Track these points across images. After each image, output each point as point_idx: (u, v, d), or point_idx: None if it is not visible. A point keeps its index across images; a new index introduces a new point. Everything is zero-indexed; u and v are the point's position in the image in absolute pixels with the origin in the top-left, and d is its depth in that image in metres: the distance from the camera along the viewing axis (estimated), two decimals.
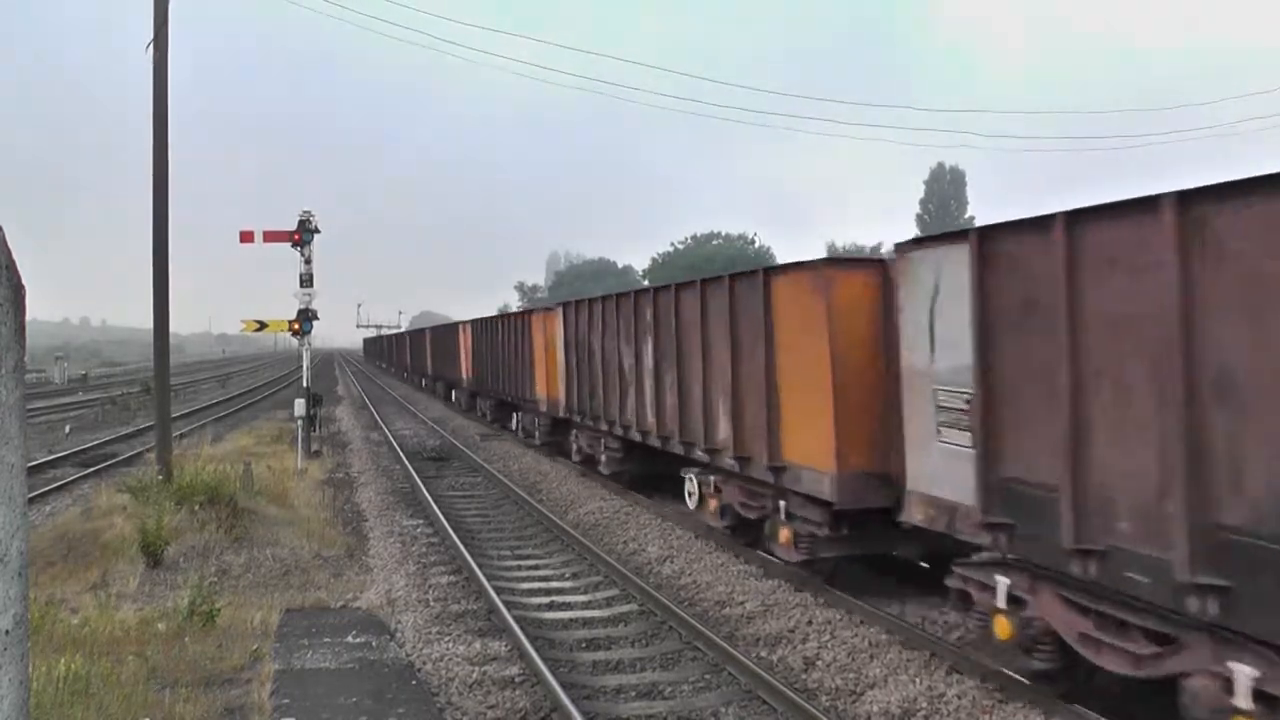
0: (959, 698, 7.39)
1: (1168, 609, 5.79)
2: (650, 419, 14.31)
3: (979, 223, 10.12)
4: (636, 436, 15.09)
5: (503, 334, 26.50)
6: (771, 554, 11.06)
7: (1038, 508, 6.70)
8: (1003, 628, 7.21)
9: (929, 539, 8.61)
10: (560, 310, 19.86)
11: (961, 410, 7.47)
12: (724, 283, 11.64)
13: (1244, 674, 5.31)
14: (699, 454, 12.57)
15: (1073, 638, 6.69)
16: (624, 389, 15.55)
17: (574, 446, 19.32)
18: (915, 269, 8.12)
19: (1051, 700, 7.07)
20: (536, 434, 22.83)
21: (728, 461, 11.58)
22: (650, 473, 15.87)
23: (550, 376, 20.76)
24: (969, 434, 7.36)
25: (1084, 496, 6.30)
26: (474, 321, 32.82)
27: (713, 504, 12.40)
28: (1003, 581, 7.24)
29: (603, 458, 17.31)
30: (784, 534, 10.43)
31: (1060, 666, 6.96)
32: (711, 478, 12.38)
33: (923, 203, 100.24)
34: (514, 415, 26.02)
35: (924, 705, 7.30)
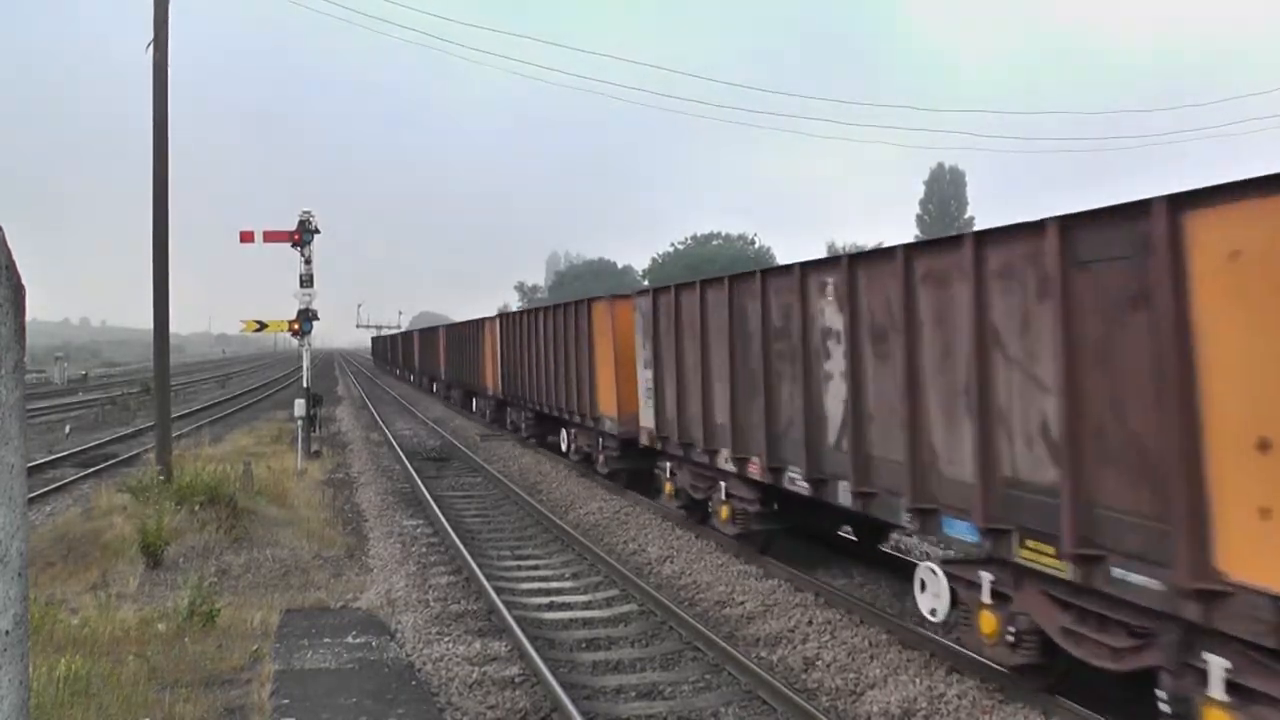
0: (959, 698, 7.39)
1: None
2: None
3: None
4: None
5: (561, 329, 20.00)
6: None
7: None
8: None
9: None
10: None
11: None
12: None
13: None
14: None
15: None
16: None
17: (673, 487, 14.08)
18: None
19: (1051, 700, 7.07)
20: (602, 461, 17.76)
21: None
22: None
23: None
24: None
25: None
26: (535, 310, 24.36)
27: None
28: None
29: (723, 510, 12.09)
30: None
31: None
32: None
33: (923, 203, 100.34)
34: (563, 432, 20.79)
35: (924, 705, 7.30)
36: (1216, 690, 5.39)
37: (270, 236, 20.32)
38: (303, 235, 20.44)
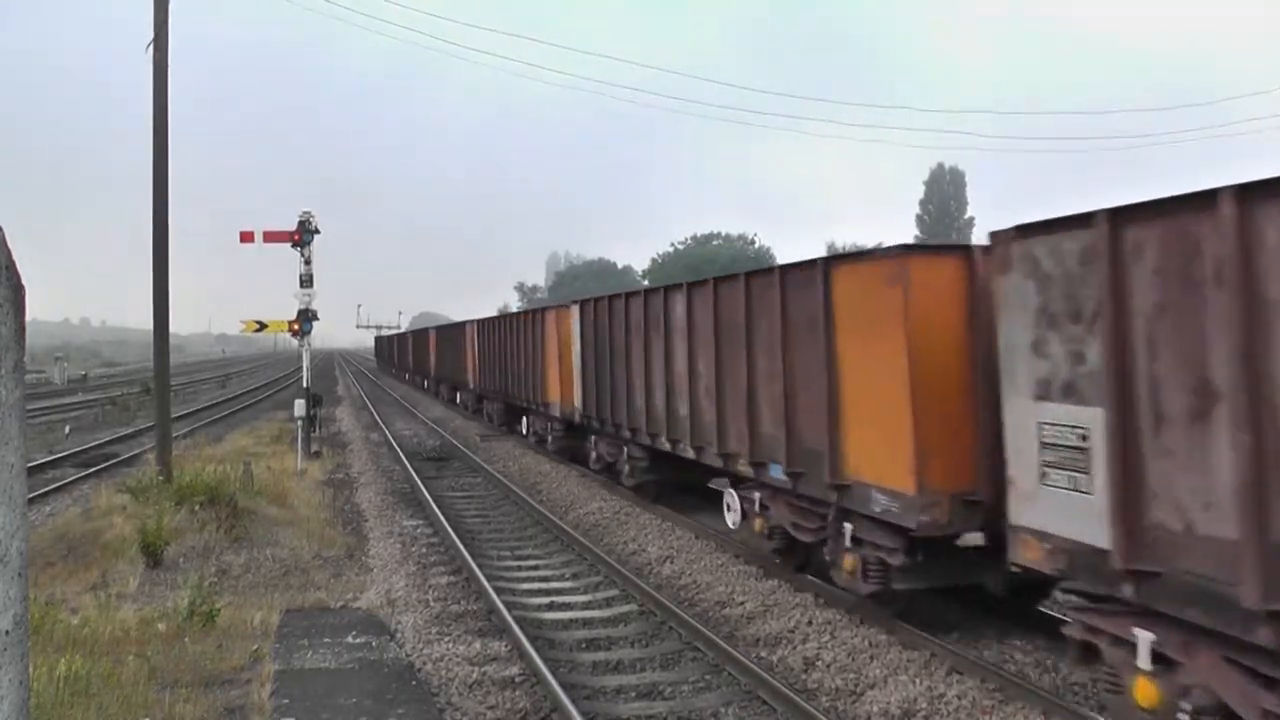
0: (959, 698, 7.39)
1: None
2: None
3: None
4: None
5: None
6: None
7: None
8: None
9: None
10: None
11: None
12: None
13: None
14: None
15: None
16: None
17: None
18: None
19: (1051, 700, 7.08)
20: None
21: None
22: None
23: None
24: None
25: None
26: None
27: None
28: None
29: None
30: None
31: None
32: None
33: (922, 203, 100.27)
34: None
35: (924, 705, 7.30)
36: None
37: (270, 237, 20.33)
38: (302, 235, 20.44)
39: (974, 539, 7.97)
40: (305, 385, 22.46)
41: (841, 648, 8.64)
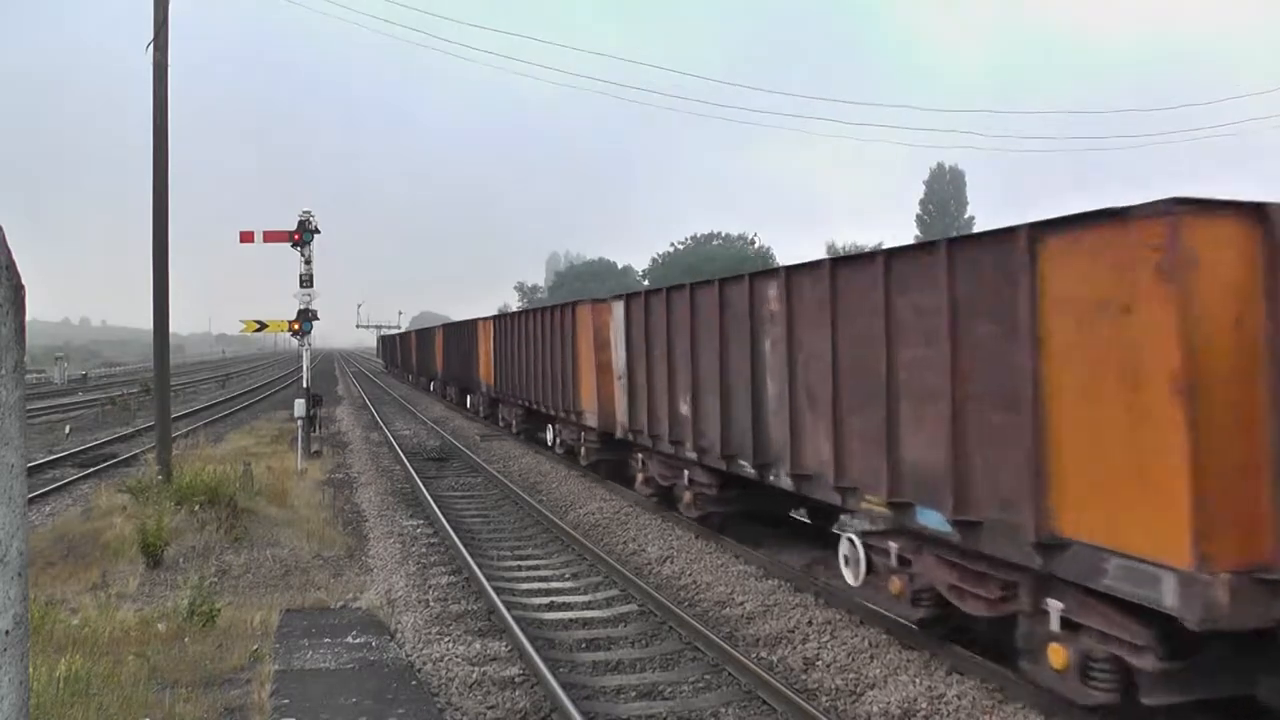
0: (959, 698, 7.39)
1: None
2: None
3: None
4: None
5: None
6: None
7: None
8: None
9: None
10: None
11: None
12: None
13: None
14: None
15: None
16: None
17: None
18: None
19: (1051, 700, 7.07)
20: None
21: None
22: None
23: None
24: None
25: None
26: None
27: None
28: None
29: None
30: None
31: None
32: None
33: (922, 203, 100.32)
34: None
35: (924, 705, 7.30)
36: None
37: (270, 236, 20.32)
38: (302, 235, 20.43)
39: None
40: (305, 385, 22.47)
41: (841, 648, 8.63)
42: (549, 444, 22.02)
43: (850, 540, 9.10)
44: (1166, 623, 5.65)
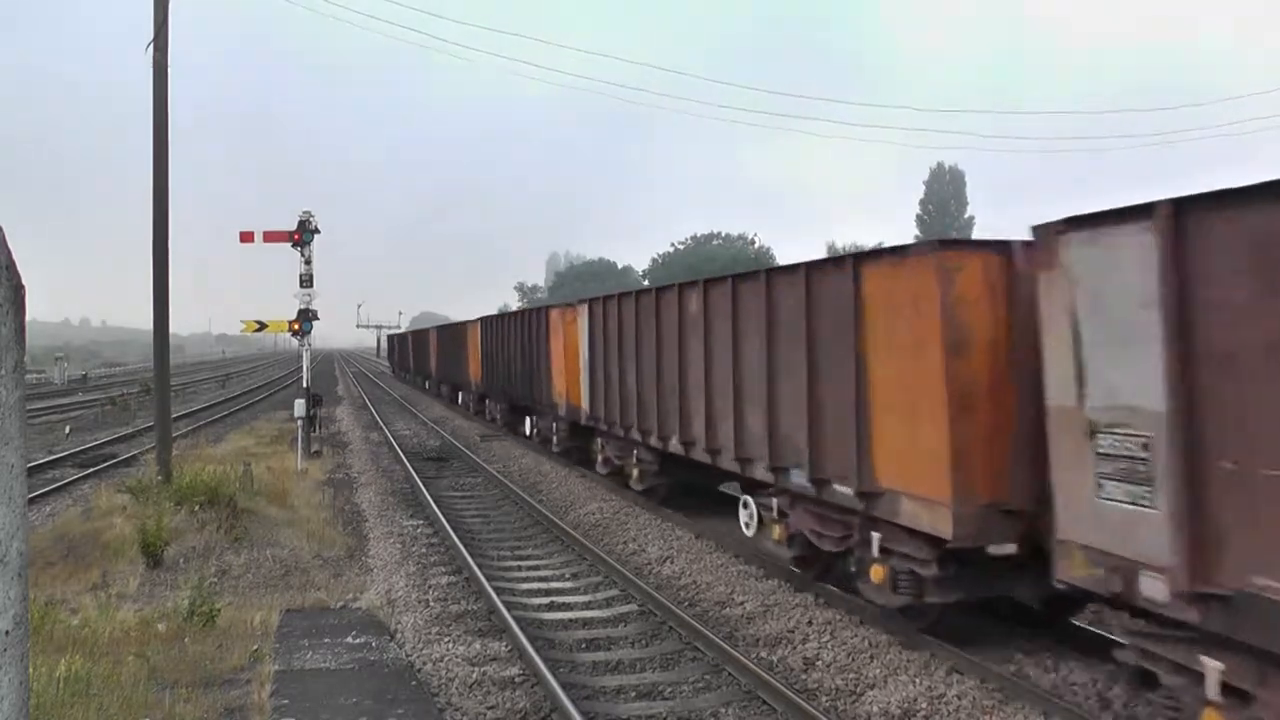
0: (959, 698, 7.39)
1: None
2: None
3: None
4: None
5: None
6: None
7: None
8: None
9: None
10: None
11: None
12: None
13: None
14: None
15: None
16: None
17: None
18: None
19: (1051, 700, 7.07)
20: None
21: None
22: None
23: None
24: None
25: None
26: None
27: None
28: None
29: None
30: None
31: None
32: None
33: (922, 203, 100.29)
34: None
35: (924, 705, 7.30)
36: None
37: (270, 237, 20.32)
38: (303, 235, 20.42)
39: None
40: (305, 385, 22.47)
41: (841, 648, 8.64)
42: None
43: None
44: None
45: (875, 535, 8.73)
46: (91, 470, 20.73)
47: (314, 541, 13.44)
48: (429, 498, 16.50)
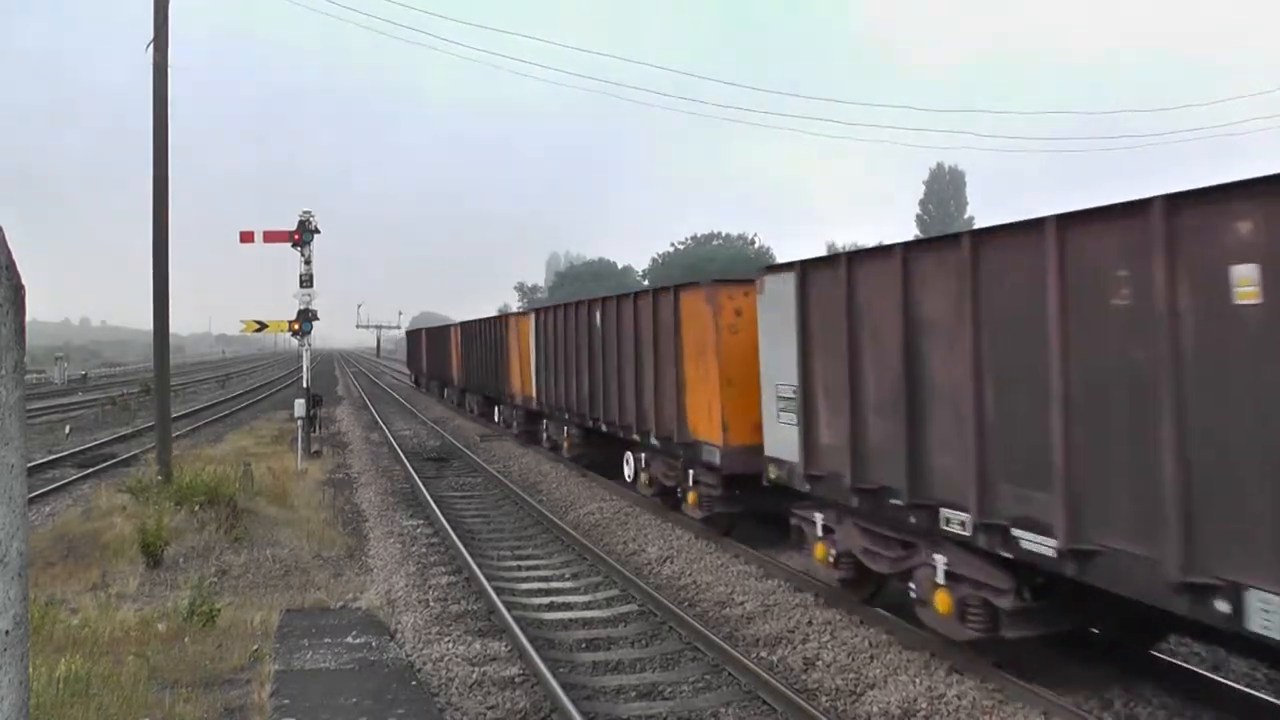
0: (959, 698, 7.39)
1: None
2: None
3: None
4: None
5: None
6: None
7: None
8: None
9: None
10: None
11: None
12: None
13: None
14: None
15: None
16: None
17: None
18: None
19: (1051, 700, 7.07)
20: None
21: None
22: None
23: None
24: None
25: None
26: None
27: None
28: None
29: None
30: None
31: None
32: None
33: (922, 203, 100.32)
34: None
35: (924, 705, 7.30)
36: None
37: (270, 237, 20.32)
38: (302, 235, 20.43)
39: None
40: (305, 385, 22.47)
41: (841, 648, 8.64)
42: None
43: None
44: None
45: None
46: (91, 470, 20.72)
47: (314, 541, 13.44)
48: (429, 497, 16.50)
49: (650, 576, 11.51)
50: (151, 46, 15.85)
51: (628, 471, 16.07)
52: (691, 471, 13.06)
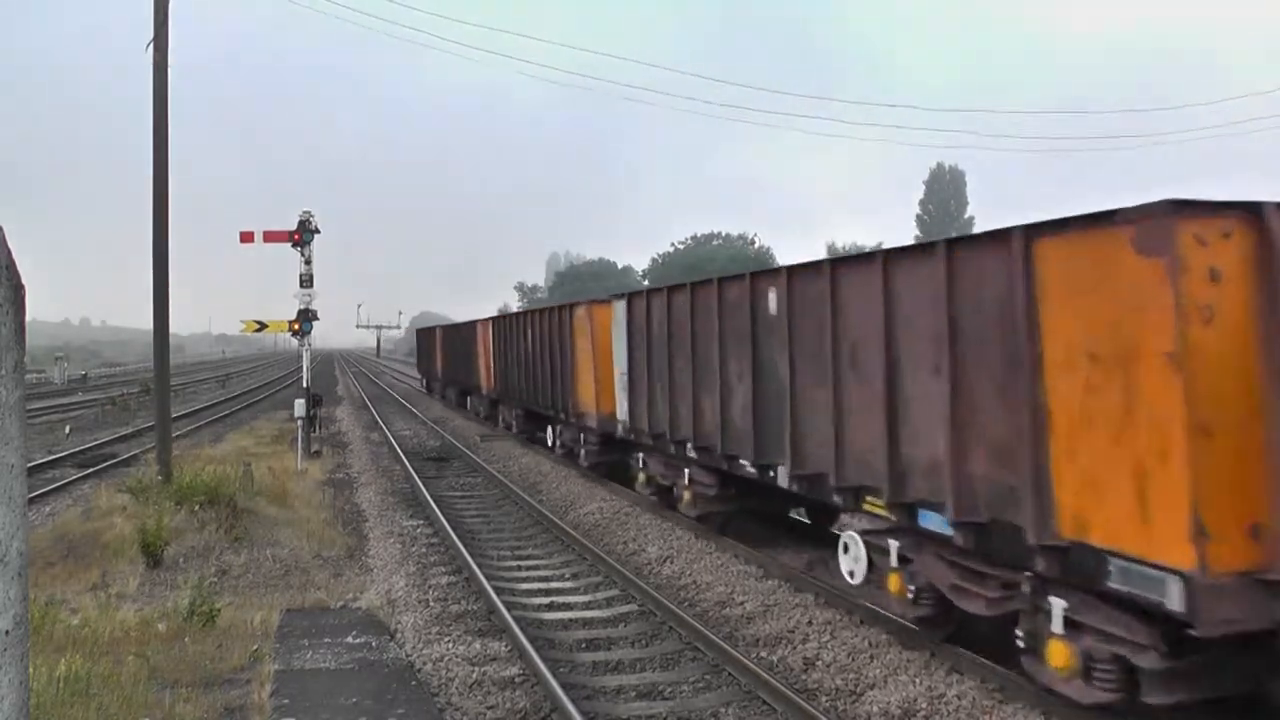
0: (959, 698, 7.39)
1: None
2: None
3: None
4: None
5: None
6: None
7: None
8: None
9: None
10: None
11: None
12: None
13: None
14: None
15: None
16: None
17: None
18: None
19: (1051, 700, 7.07)
20: None
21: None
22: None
23: None
24: None
25: None
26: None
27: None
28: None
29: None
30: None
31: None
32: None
33: (922, 203, 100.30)
34: None
35: (924, 706, 7.30)
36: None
37: (270, 237, 20.33)
38: (302, 235, 20.44)
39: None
40: (305, 385, 22.47)
41: (842, 648, 8.64)
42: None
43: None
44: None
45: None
46: (91, 470, 20.72)
47: (314, 541, 13.45)
48: (429, 498, 16.50)
49: (650, 576, 11.51)
50: (151, 46, 15.85)
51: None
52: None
